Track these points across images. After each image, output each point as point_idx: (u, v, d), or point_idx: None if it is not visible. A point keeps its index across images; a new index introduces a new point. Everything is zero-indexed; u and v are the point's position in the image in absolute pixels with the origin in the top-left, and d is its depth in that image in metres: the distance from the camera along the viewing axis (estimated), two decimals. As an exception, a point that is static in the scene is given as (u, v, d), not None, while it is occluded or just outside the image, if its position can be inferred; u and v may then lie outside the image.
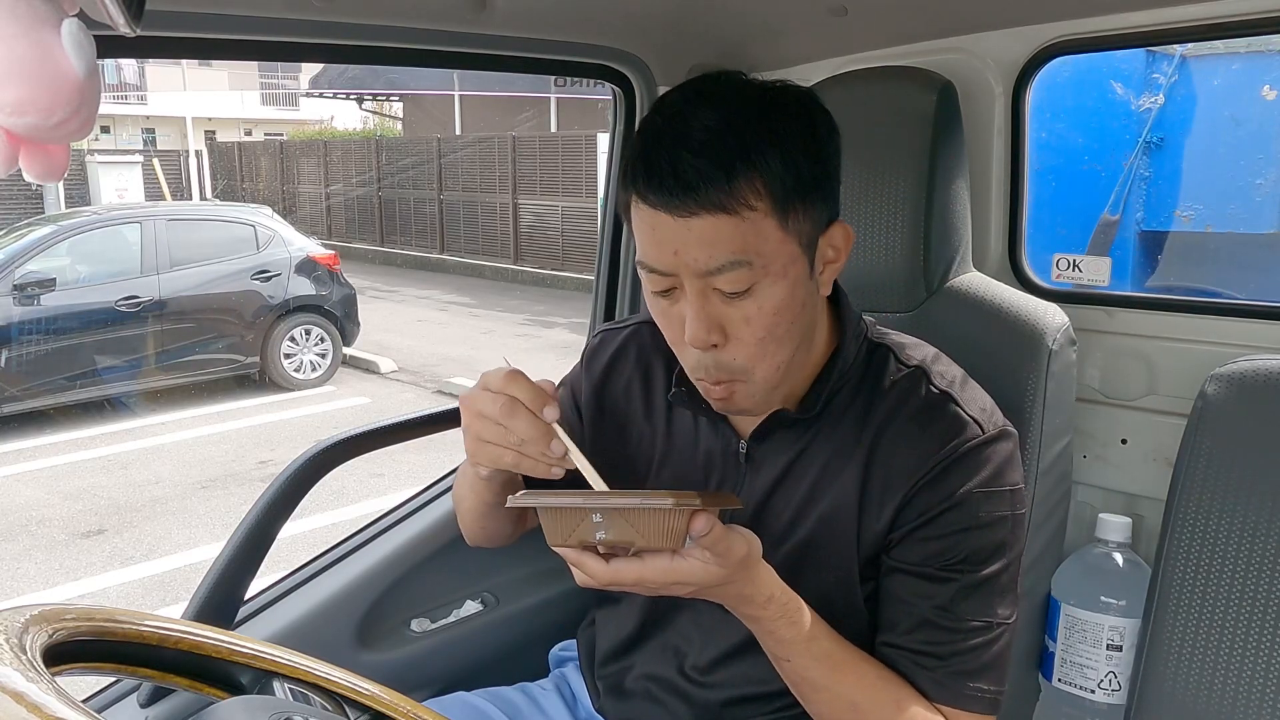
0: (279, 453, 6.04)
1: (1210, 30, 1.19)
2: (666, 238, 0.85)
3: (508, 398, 0.85)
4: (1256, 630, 1.02)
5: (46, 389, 6.67)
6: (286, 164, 18.04)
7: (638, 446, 1.09)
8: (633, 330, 1.14)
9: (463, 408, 0.90)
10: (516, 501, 0.84)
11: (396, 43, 1.26)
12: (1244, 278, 2.73)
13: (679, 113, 0.86)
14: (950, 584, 0.92)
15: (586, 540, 0.80)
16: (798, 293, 0.89)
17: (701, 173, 0.82)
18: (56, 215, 8.94)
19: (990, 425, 0.94)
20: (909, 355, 0.99)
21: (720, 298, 0.87)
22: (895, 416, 0.95)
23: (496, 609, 1.52)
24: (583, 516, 0.80)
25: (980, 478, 0.91)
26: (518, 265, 13.32)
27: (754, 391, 0.93)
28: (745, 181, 0.83)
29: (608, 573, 0.81)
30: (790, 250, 0.87)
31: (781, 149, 0.84)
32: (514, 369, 0.88)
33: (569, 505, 0.80)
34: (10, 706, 0.45)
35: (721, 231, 0.83)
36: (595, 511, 0.79)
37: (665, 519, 0.77)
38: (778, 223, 0.85)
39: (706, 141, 0.83)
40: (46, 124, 0.54)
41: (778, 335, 0.89)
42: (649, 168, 0.84)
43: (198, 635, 0.69)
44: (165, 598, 4.17)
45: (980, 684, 0.92)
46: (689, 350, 0.90)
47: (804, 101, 0.90)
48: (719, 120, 0.84)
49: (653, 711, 1.09)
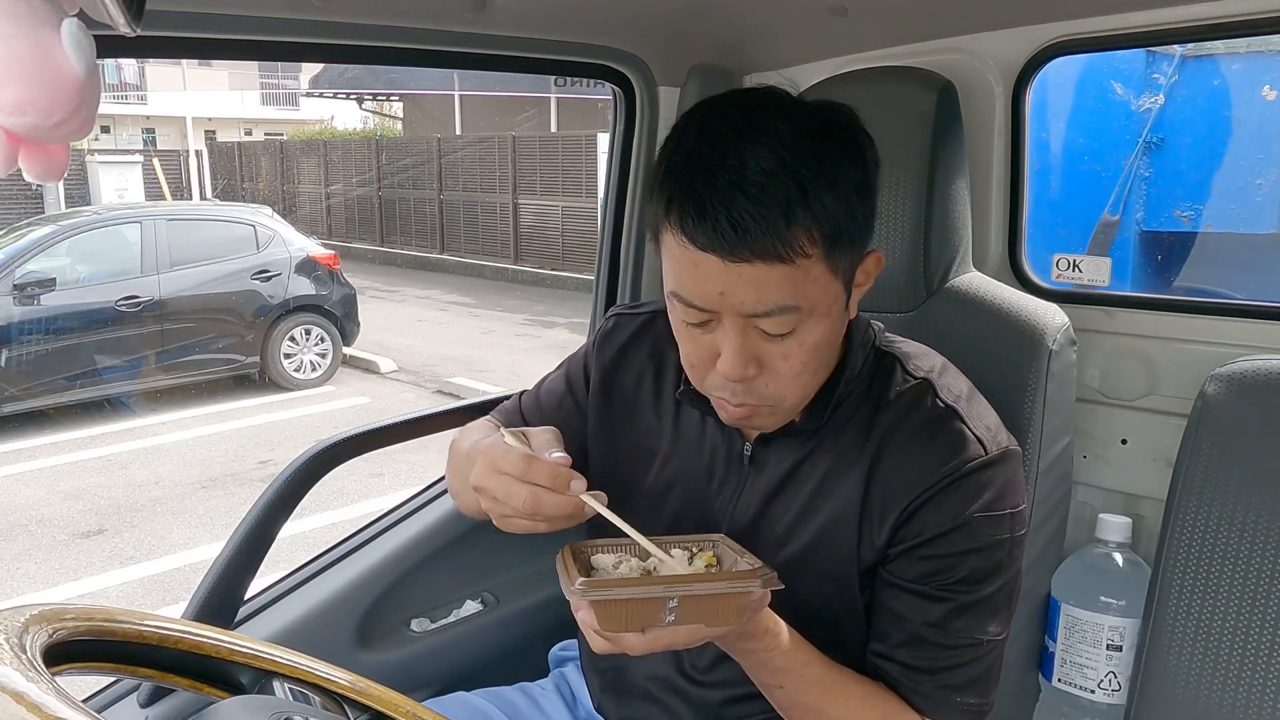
0: (279, 453, 6.04)
1: (1210, 30, 1.19)
2: (712, 277, 0.82)
3: (530, 489, 0.82)
4: (1256, 630, 1.02)
5: (46, 389, 6.67)
6: (286, 164, 18.04)
7: (643, 439, 1.08)
8: (648, 318, 1.12)
9: (480, 491, 0.85)
10: (589, 595, 0.76)
11: (396, 43, 1.26)
12: (1244, 278, 2.73)
13: (728, 146, 0.81)
14: (945, 603, 0.91)
15: (652, 626, 0.76)
16: (836, 327, 0.89)
17: (758, 220, 0.78)
18: (56, 215, 8.94)
19: (994, 446, 0.93)
20: (916, 366, 0.98)
21: (761, 335, 0.85)
22: (899, 429, 0.94)
23: (496, 609, 1.52)
24: (660, 606, 0.75)
25: (982, 501, 0.91)
26: (518, 265, 13.32)
27: (777, 412, 0.93)
28: (801, 229, 0.80)
29: (643, 644, 0.78)
30: (835, 290, 0.86)
31: (835, 191, 0.81)
32: (526, 453, 0.83)
33: (649, 596, 0.75)
34: (10, 706, 0.45)
35: (772, 277, 0.80)
36: (673, 598, 0.75)
37: (739, 600, 0.76)
38: (827, 266, 0.83)
39: (763, 185, 0.79)
40: (46, 124, 0.54)
41: (812, 368, 0.89)
42: (700, 209, 0.80)
43: (198, 635, 0.69)
44: (165, 598, 4.17)
45: (968, 698, 0.93)
46: (715, 375, 0.89)
47: (853, 131, 0.87)
48: (775, 161, 0.80)
49: (652, 711, 1.09)
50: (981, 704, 0.94)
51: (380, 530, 1.47)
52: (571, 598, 0.78)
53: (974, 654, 0.92)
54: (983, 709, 0.94)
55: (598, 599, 0.75)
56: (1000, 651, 0.95)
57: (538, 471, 0.82)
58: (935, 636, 0.92)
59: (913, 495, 0.91)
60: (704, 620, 0.77)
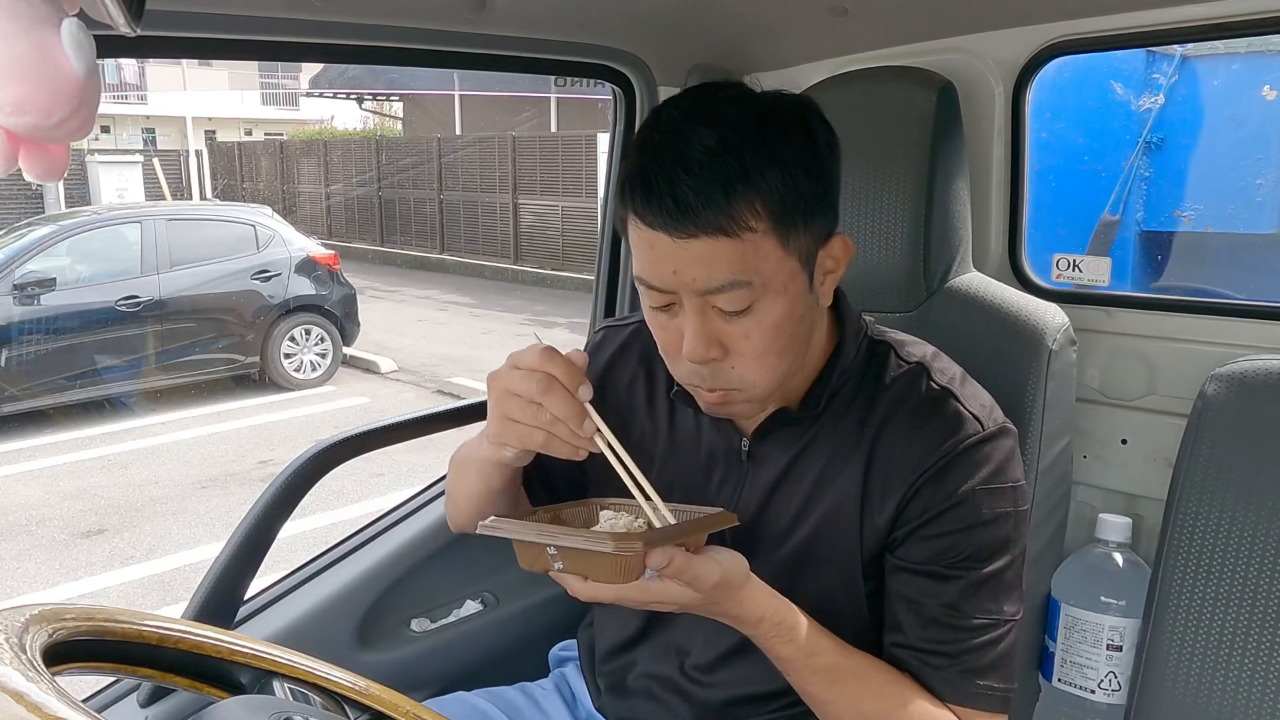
0: (279, 453, 6.04)
1: (1210, 30, 1.19)
2: (665, 257, 0.84)
3: (544, 375, 0.85)
4: (1256, 630, 1.02)
5: (46, 389, 6.67)
6: (286, 164, 18.03)
7: (639, 443, 1.08)
8: (636, 328, 1.13)
9: (491, 386, 0.89)
10: (485, 529, 0.85)
11: (396, 43, 1.26)
12: (1244, 278, 2.73)
13: (676, 129, 0.85)
14: (956, 582, 0.92)
15: (550, 570, 0.83)
16: (797, 307, 0.89)
17: (700, 195, 0.81)
18: (56, 215, 8.94)
19: (990, 422, 0.94)
20: (909, 352, 1.00)
21: (720, 314, 0.87)
22: (896, 413, 0.95)
23: (496, 609, 1.52)
24: (540, 550, 0.82)
25: (982, 475, 0.91)
26: (518, 265, 13.32)
27: (750, 399, 0.93)
28: (744, 203, 0.82)
29: (587, 591, 0.82)
30: (790, 267, 0.87)
31: (781, 168, 0.83)
32: (548, 345, 0.87)
33: (529, 539, 0.82)
34: (10, 706, 0.45)
35: (720, 252, 0.83)
36: (550, 546, 0.81)
37: (613, 561, 0.78)
38: (778, 241, 0.85)
39: (704, 162, 0.82)
40: (46, 124, 0.54)
41: (777, 349, 0.89)
42: (646, 188, 0.83)
43: (198, 635, 0.69)
44: (165, 598, 4.16)
45: (990, 682, 0.92)
46: (683, 361, 0.90)
47: (803, 115, 0.88)
48: (717, 140, 0.82)
49: (653, 710, 1.09)
50: (1005, 689, 0.93)
51: (380, 530, 1.47)
52: (481, 531, 0.86)
53: (991, 633, 0.92)
54: (1006, 694, 0.93)
55: (487, 533, 0.84)
56: (1017, 634, 0.95)
57: (556, 363, 0.85)
58: (951, 618, 0.92)
59: (914, 475, 0.92)
60: (588, 573, 0.81)
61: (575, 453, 0.87)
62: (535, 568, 0.84)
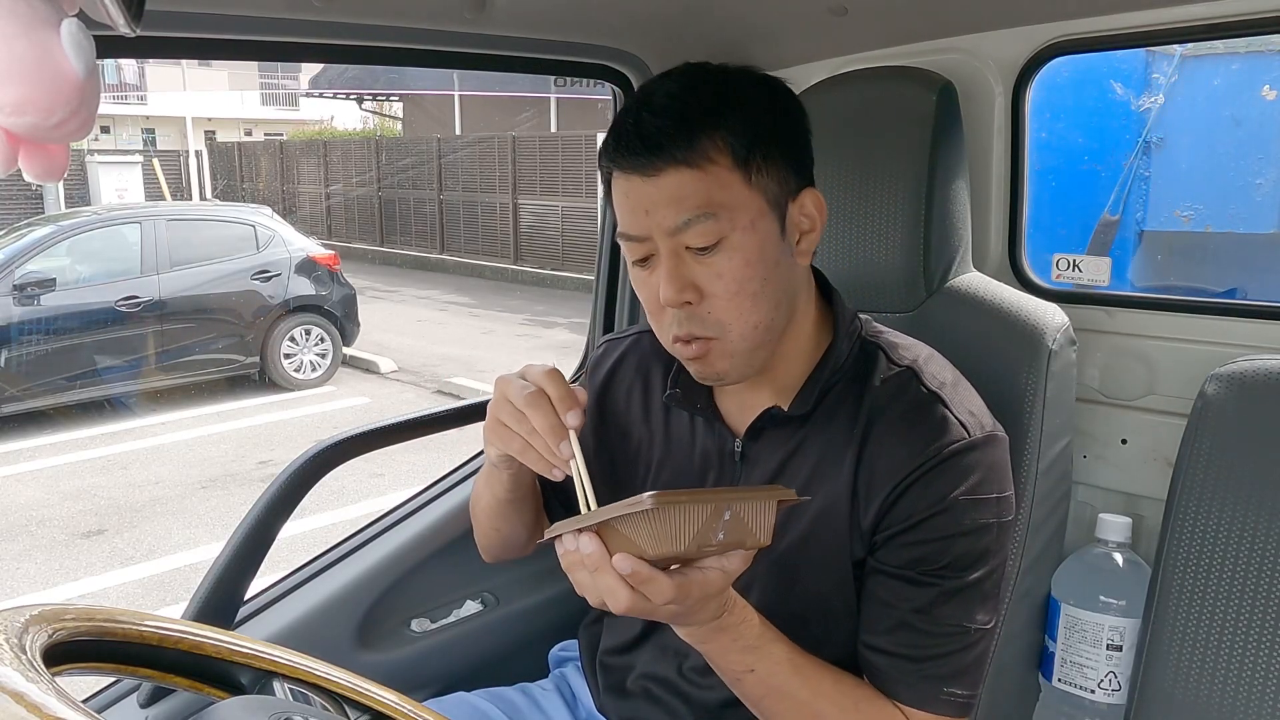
0: (279, 453, 6.04)
1: (1210, 30, 1.19)
2: (637, 200, 0.89)
3: (537, 389, 0.88)
4: (1256, 630, 1.02)
5: (46, 389, 6.67)
6: (286, 164, 18.03)
7: (637, 451, 1.09)
8: (634, 339, 1.16)
9: (494, 389, 0.93)
10: (549, 534, 0.80)
11: (396, 43, 1.26)
12: (1244, 278, 2.73)
13: (645, 88, 0.94)
14: (931, 589, 0.91)
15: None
16: (769, 250, 0.91)
17: (663, 130, 0.87)
18: (56, 215, 8.94)
19: (978, 429, 0.93)
20: (901, 355, 1.00)
21: (692, 257, 0.90)
22: (884, 415, 0.95)
23: (496, 609, 1.52)
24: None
25: (967, 484, 0.91)
26: (518, 265, 13.32)
27: (729, 351, 0.93)
28: (706, 136, 0.87)
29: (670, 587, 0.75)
30: (757, 204, 0.90)
31: (741, 109, 0.89)
32: (555, 368, 0.90)
33: (572, 530, 0.77)
34: (10, 706, 0.45)
35: (686, 185, 0.87)
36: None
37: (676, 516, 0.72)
38: (741, 176, 0.89)
39: (666, 105, 0.89)
40: (46, 124, 0.54)
41: (750, 291, 0.90)
42: (617, 135, 0.90)
43: (198, 635, 0.69)
44: (165, 598, 4.17)
45: (954, 689, 0.92)
46: (665, 314, 0.92)
47: (764, 76, 0.95)
48: (680, 86, 0.90)
49: (653, 711, 1.09)
50: (969, 696, 0.93)
51: (380, 530, 1.47)
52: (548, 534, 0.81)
53: (961, 642, 0.92)
54: (969, 700, 0.94)
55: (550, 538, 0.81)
56: (989, 644, 0.95)
57: (552, 382, 0.88)
58: (922, 623, 0.91)
59: (897, 479, 0.92)
60: (640, 541, 0.76)
61: (549, 470, 0.88)
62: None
